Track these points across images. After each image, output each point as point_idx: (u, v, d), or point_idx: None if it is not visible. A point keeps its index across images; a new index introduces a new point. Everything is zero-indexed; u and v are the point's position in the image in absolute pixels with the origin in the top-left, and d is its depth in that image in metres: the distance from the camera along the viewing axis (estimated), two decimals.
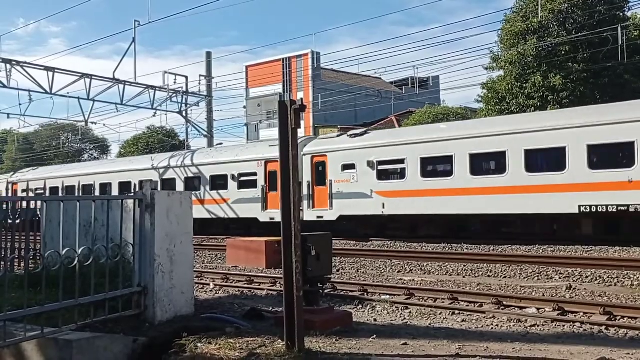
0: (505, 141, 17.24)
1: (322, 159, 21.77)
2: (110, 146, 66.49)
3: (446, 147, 18.45)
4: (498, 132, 17.64)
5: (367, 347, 5.82)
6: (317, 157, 21.94)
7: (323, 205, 21.45)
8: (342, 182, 20.95)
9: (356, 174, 20.61)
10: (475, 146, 17.83)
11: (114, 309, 6.25)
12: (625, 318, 7.81)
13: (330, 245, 7.02)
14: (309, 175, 21.90)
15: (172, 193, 7.20)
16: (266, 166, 23.02)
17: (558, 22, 30.64)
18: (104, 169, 31.51)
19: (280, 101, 5.84)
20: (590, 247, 15.57)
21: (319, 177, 21.78)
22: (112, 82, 28.31)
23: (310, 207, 21.61)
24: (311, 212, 21.51)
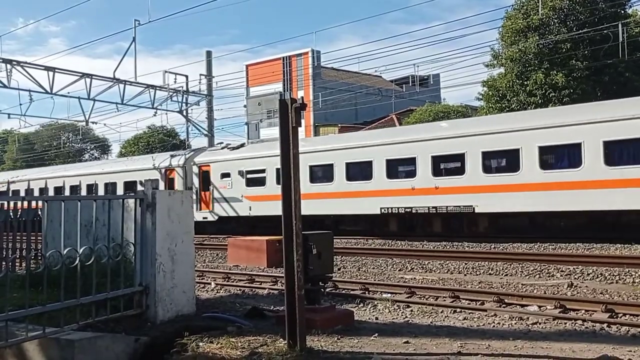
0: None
1: (207, 168, 26.30)
2: (111, 146, 66.59)
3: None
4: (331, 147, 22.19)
5: (369, 346, 5.81)
6: (203, 167, 26.50)
7: (207, 208, 25.82)
8: (221, 188, 25.45)
9: (231, 181, 25.06)
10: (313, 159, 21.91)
11: (115, 309, 6.25)
12: (627, 315, 7.80)
13: (332, 243, 7.02)
14: (197, 182, 26.41)
15: (173, 192, 7.21)
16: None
17: (559, 19, 30.59)
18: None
19: (281, 99, 5.83)
20: (591, 244, 15.57)
21: (204, 184, 26.22)
22: (112, 82, 28.28)
23: (197, 210, 25.20)
24: (198, 213, 24.97)
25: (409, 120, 39.77)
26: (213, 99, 34.98)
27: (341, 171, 21.28)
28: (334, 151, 21.76)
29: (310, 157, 21.47)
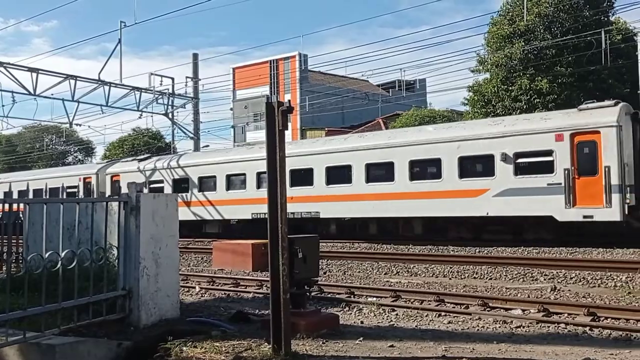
0: None
1: (118, 178, 28.54)
2: (95, 148, 65.94)
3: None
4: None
5: (354, 350, 5.81)
6: (115, 177, 28.86)
7: None
8: None
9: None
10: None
11: (97, 313, 6.18)
12: (608, 319, 7.88)
13: (317, 247, 7.01)
14: (109, 191, 28.19)
15: (157, 195, 7.15)
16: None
17: (544, 26, 30.94)
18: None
19: (267, 102, 5.82)
20: (574, 248, 15.72)
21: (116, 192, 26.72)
22: (97, 84, 28.08)
23: None
24: None
25: (395, 125, 39.92)
26: (199, 101, 34.88)
27: (222, 181, 24.73)
28: (217, 164, 25.10)
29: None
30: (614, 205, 15.54)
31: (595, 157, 16.06)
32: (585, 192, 16.00)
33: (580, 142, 16.28)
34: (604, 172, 15.73)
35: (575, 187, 16.17)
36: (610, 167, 15.65)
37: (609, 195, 15.62)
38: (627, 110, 16.60)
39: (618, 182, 15.62)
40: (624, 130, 16.05)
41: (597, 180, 15.87)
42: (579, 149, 16.30)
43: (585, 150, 16.22)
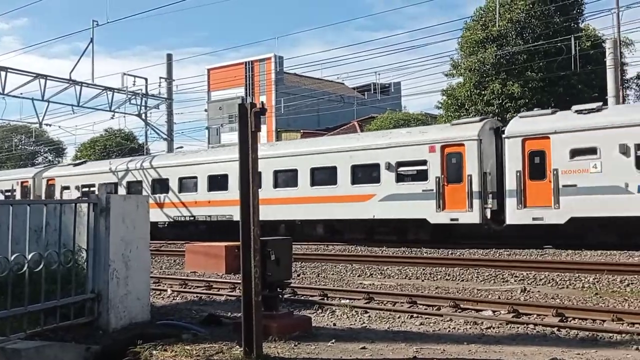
0: None
1: (53, 182, 30.53)
2: (66, 149, 64.78)
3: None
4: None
5: (326, 352, 5.81)
6: (50, 180, 30.76)
7: None
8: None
9: (70, 194, 28.63)
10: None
11: (65, 317, 6.08)
12: (576, 319, 8.02)
13: (290, 249, 7.01)
14: (44, 195, 30.02)
15: (128, 197, 7.08)
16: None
17: (516, 32, 31.44)
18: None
19: (240, 104, 5.80)
20: (544, 250, 15.99)
21: (51, 195, 29.71)
22: (68, 83, 27.63)
23: None
24: None
25: (370, 128, 40.13)
26: (173, 102, 34.58)
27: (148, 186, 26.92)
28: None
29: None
30: (475, 209, 17.69)
31: (460, 167, 18.14)
32: (452, 197, 18.16)
33: (449, 154, 18.40)
34: (467, 180, 17.88)
35: (445, 193, 18.31)
36: (472, 175, 17.83)
37: (470, 201, 17.74)
38: (491, 126, 18.69)
39: (478, 189, 17.75)
40: (486, 144, 18.11)
41: (462, 187, 17.99)
42: (448, 159, 18.42)
43: (453, 161, 18.34)
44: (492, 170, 18.06)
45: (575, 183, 16.22)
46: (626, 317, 7.79)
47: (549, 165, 16.73)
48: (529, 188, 17.03)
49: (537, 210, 16.81)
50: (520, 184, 17.15)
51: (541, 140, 16.96)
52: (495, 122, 19.09)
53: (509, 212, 17.35)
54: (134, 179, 27.30)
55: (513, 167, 17.31)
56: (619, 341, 6.70)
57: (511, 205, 17.28)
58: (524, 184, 17.12)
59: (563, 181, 16.46)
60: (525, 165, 17.13)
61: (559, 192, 16.41)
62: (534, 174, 17.01)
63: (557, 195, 16.39)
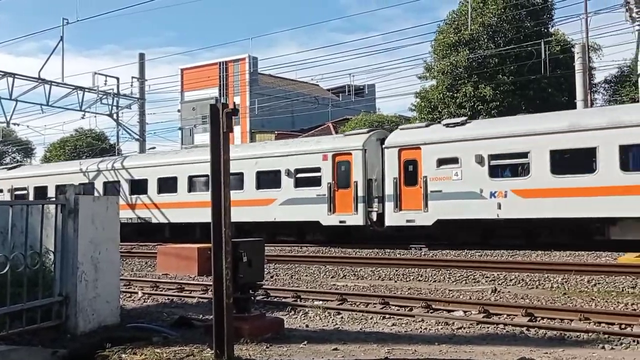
0: None
1: None
2: (34, 149, 63.47)
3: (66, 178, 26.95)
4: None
5: (298, 354, 5.80)
6: None
7: None
8: None
9: (3, 196, 29.83)
10: None
11: (32, 320, 5.96)
12: (544, 319, 8.15)
13: (263, 251, 6.97)
14: None
15: (97, 198, 6.96)
16: None
17: (487, 35, 31.91)
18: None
19: (211, 104, 5.75)
20: (515, 251, 16.24)
21: None
22: (37, 82, 27.11)
23: None
24: None
25: (345, 129, 40.24)
26: (145, 102, 34.17)
27: None
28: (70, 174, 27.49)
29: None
30: (360, 212, 19.50)
31: (349, 174, 19.93)
32: (341, 201, 19.96)
33: (339, 162, 20.19)
34: (354, 186, 19.72)
35: (335, 197, 20.10)
36: (358, 182, 19.65)
37: (356, 205, 19.56)
38: (378, 137, 20.23)
39: (363, 194, 19.56)
40: (372, 153, 19.80)
41: (349, 192, 19.78)
42: (338, 167, 20.19)
43: (342, 168, 20.12)
44: (378, 177, 19.59)
45: (441, 189, 18.02)
46: (593, 316, 7.95)
47: (420, 173, 18.52)
48: (404, 193, 18.81)
49: (410, 213, 18.60)
50: (396, 190, 18.86)
51: (414, 151, 18.77)
52: (383, 133, 20.57)
53: (388, 215, 19.05)
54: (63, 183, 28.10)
55: (391, 174, 19.02)
56: (585, 340, 6.83)
57: (389, 208, 18.97)
58: (400, 190, 18.86)
59: (431, 187, 18.25)
60: (401, 173, 18.90)
61: (428, 197, 18.23)
62: (408, 181, 18.79)
63: (426, 200, 18.19)
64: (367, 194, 19.51)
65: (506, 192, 17.03)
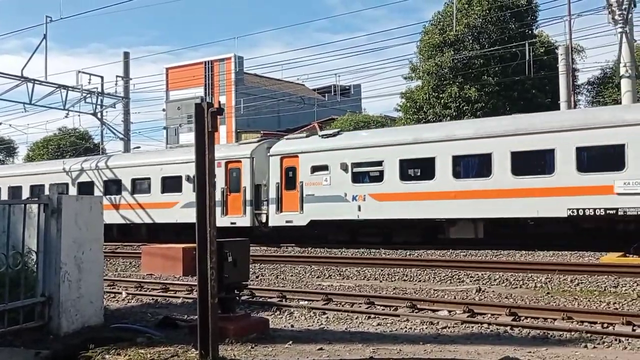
0: None
1: None
2: (17, 148, 62.65)
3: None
4: None
5: (283, 354, 5.80)
6: None
7: None
8: None
9: None
10: None
11: (14, 321, 5.89)
12: (528, 318, 8.23)
13: (248, 251, 6.96)
14: None
15: (81, 197, 6.89)
16: None
17: (472, 36, 32.13)
18: None
19: (197, 103, 5.73)
20: (499, 251, 16.37)
21: None
22: (20, 80, 26.79)
23: None
24: None
25: (330, 129, 40.23)
26: (130, 101, 33.91)
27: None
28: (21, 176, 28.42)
29: None
30: (247, 215, 21.60)
31: (239, 179, 21.92)
32: (233, 204, 22.01)
33: (231, 168, 22.14)
34: (243, 190, 21.80)
35: (228, 201, 22.05)
36: (246, 187, 21.70)
37: (244, 207, 21.62)
38: (268, 145, 22.08)
39: (250, 198, 21.59)
40: (261, 161, 21.68)
41: (239, 196, 21.85)
42: (231, 173, 22.15)
43: (234, 174, 22.08)
44: (268, 182, 21.46)
45: (314, 193, 20.11)
46: (576, 315, 8.04)
47: (297, 178, 20.55)
48: (285, 197, 20.87)
49: (289, 214, 20.64)
50: (278, 194, 20.91)
51: (293, 158, 20.84)
52: (272, 143, 22.51)
53: (271, 217, 21.09)
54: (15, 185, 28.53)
55: (274, 179, 21.10)
56: (568, 339, 6.90)
57: (272, 210, 21.02)
58: (281, 194, 20.90)
59: (306, 191, 20.29)
60: (282, 178, 20.97)
61: (303, 200, 20.27)
62: (288, 185, 20.83)
63: (302, 203, 20.24)
64: (255, 197, 21.58)
65: (365, 196, 19.14)
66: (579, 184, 15.85)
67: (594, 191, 15.60)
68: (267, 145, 21.93)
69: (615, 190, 15.24)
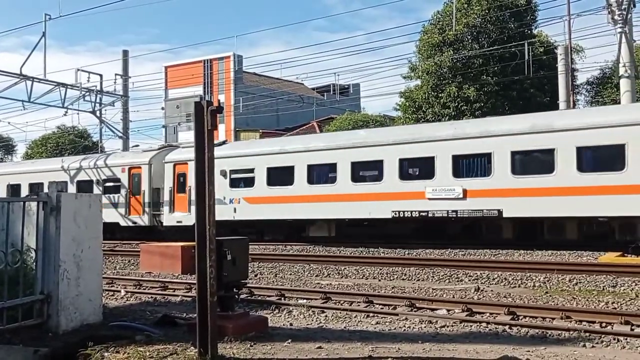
0: None
1: None
2: (16, 146, 62.59)
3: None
4: None
5: (282, 352, 5.80)
6: None
7: None
8: None
9: None
10: None
11: (13, 319, 5.88)
12: (527, 317, 8.24)
13: (247, 249, 6.95)
14: None
15: (80, 195, 6.87)
16: None
17: (472, 36, 32.13)
18: None
19: (196, 102, 5.72)
20: (497, 250, 16.38)
21: None
22: (18, 78, 26.75)
23: None
24: None
25: (329, 128, 40.27)
26: (129, 99, 33.88)
27: None
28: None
29: None
30: (146, 215, 24.19)
31: (140, 183, 24.46)
32: (134, 206, 24.39)
33: (134, 174, 24.65)
34: (142, 193, 24.31)
35: (131, 202, 24.64)
36: (145, 190, 24.30)
37: (144, 209, 24.18)
38: (166, 153, 24.38)
39: (149, 200, 24.23)
40: (158, 167, 24.12)
41: (139, 198, 24.37)
42: (133, 177, 24.69)
43: (136, 179, 24.59)
44: (163, 186, 23.76)
45: None
46: (574, 315, 8.05)
47: (187, 183, 22.79)
48: (176, 200, 23.30)
49: (180, 215, 23.07)
50: (171, 196, 23.37)
51: (184, 165, 23.16)
52: (171, 151, 24.78)
53: (165, 217, 23.63)
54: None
55: (168, 184, 23.57)
56: (567, 338, 6.91)
57: (166, 211, 23.55)
58: (174, 197, 23.34)
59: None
60: (175, 183, 23.43)
61: (191, 203, 22.09)
62: (179, 189, 23.28)
63: (190, 205, 22.28)
64: (153, 200, 24.01)
65: (240, 199, 21.72)
66: (400, 190, 18.50)
67: (411, 196, 18.26)
68: (166, 154, 24.45)
69: (426, 196, 17.92)
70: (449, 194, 17.60)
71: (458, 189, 17.48)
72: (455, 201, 17.50)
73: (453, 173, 17.71)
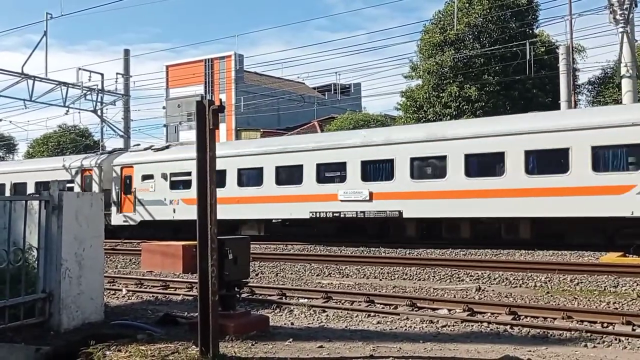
0: None
1: None
2: (17, 145, 62.62)
3: None
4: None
5: (283, 351, 5.80)
6: None
7: None
8: None
9: None
10: None
11: (14, 317, 5.89)
12: (528, 317, 8.24)
13: (248, 248, 6.96)
14: None
15: (81, 194, 6.89)
16: None
17: (473, 36, 32.10)
18: None
19: (198, 101, 5.72)
20: (499, 250, 16.38)
21: None
22: (20, 77, 26.76)
23: None
24: None
25: (330, 128, 40.28)
26: (130, 98, 33.89)
27: None
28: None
29: None
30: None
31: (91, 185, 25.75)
32: (126, 204, 25.06)
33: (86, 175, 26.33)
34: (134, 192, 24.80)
35: (123, 200, 25.22)
36: (95, 191, 24.89)
37: (134, 207, 24.72)
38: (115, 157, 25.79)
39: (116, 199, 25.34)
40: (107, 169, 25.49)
41: (131, 197, 24.80)
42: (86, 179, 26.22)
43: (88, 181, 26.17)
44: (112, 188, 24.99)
45: (143, 197, 24.11)
46: (575, 315, 8.05)
47: (133, 185, 24.35)
48: (123, 200, 24.76)
49: (126, 215, 24.51)
50: (119, 197, 24.80)
51: (130, 168, 24.69)
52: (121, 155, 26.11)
53: (113, 216, 24.74)
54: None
55: (116, 186, 24.98)
56: (568, 338, 6.91)
57: (114, 211, 24.81)
58: (121, 197, 24.78)
59: (138, 196, 24.23)
60: (122, 185, 24.82)
61: (136, 203, 24.20)
62: (126, 191, 24.68)
63: (135, 205, 24.07)
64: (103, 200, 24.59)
65: (179, 201, 22.95)
66: (317, 192, 19.79)
67: (326, 198, 19.56)
68: (114, 157, 25.73)
69: (339, 198, 19.28)
70: (357, 196, 19.02)
71: (365, 191, 18.91)
72: (362, 203, 18.94)
73: (362, 177, 19.11)
